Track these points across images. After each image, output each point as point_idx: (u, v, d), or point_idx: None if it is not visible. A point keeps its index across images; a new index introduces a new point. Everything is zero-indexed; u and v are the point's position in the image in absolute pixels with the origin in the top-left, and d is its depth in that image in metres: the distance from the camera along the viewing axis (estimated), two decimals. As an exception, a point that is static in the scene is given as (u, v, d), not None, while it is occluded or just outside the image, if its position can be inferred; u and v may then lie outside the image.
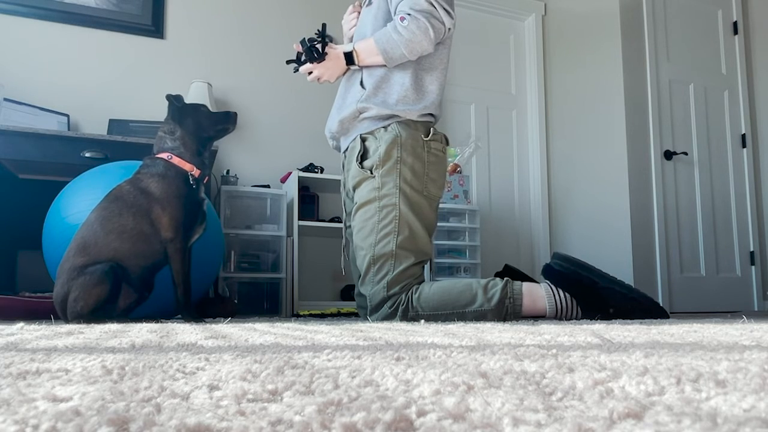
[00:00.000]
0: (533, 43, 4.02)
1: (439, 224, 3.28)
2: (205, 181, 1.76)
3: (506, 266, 1.86)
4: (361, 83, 1.77)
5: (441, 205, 3.29)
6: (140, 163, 2.02)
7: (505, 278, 1.64)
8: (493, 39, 4.01)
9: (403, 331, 0.97)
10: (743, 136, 3.79)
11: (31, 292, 2.33)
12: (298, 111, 3.41)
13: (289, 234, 2.92)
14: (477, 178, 3.79)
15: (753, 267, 3.63)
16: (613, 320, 1.52)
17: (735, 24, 3.86)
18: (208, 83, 3.00)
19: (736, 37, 3.86)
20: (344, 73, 1.84)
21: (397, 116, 1.73)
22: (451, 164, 3.28)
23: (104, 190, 1.84)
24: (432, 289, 1.64)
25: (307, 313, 2.55)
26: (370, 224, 1.70)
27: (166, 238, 1.64)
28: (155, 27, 3.16)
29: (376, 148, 1.71)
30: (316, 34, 1.77)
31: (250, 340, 0.79)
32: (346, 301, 3.16)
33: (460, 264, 3.37)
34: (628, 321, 1.47)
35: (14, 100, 2.67)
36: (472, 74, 3.91)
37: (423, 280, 1.71)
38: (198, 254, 1.97)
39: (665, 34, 3.58)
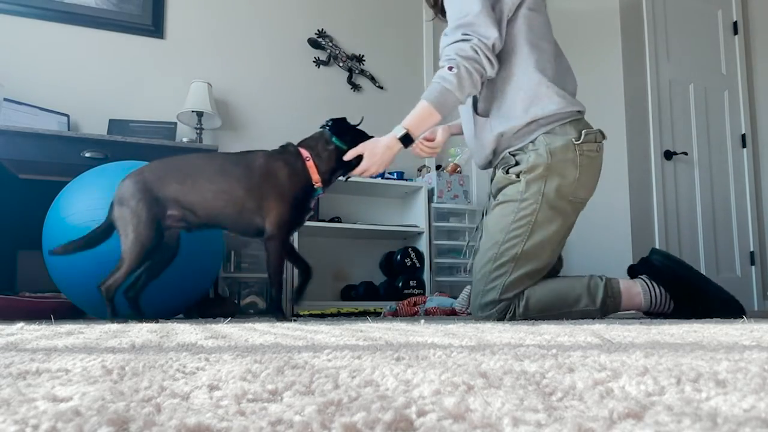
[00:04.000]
0: (533, 43, 4.01)
1: (439, 224, 3.28)
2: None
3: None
4: (478, 112, 1.78)
5: (441, 205, 3.29)
6: (140, 162, 2.02)
7: (605, 278, 1.71)
8: (493, 39, 4.01)
9: (403, 331, 0.97)
10: (743, 136, 3.79)
11: (31, 292, 2.33)
12: (299, 111, 3.41)
13: (289, 234, 2.92)
14: (477, 178, 3.79)
15: (753, 267, 3.63)
16: (703, 319, 1.57)
17: (735, 24, 3.86)
18: (208, 83, 3.00)
19: (736, 37, 3.86)
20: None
21: (541, 124, 1.69)
22: (451, 164, 3.28)
23: (104, 190, 1.84)
24: (537, 293, 1.69)
25: (307, 313, 2.55)
26: (502, 223, 1.72)
27: (268, 232, 1.64)
28: (155, 27, 3.16)
29: (527, 158, 1.70)
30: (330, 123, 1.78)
31: (250, 340, 0.79)
32: (346, 301, 3.16)
33: (460, 264, 3.37)
34: (628, 321, 1.48)
35: (14, 100, 2.67)
36: (472, 74, 3.90)
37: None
38: (198, 254, 1.97)
39: (665, 34, 3.58)
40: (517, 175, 1.71)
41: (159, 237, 1.66)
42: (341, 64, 3.53)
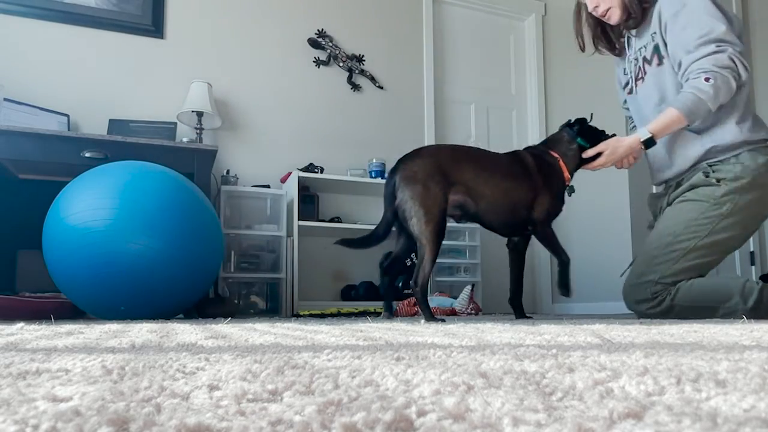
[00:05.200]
0: (533, 43, 4.02)
1: (439, 224, 3.28)
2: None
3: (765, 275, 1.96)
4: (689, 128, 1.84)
5: (441, 205, 3.29)
6: (140, 162, 2.02)
7: (761, 282, 1.74)
8: (493, 39, 4.01)
9: (403, 331, 0.97)
10: (743, 136, 3.78)
11: (31, 292, 2.33)
12: (298, 111, 3.41)
13: (289, 234, 2.92)
14: (477, 178, 3.79)
15: (753, 267, 3.63)
16: None
17: (735, 24, 3.86)
18: (208, 83, 3.00)
19: (736, 37, 3.85)
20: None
21: (746, 143, 1.79)
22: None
23: (104, 190, 1.84)
24: (688, 284, 1.77)
25: (307, 313, 2.55)
26: (684, 217, 1.82)
27: (538, 219, 1.79)
28: (155, 27, 3.16)
29: (729, 170, 1.79)
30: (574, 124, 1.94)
31: (250, 340, 0.79)
32: (346, 301, 3.16)
33: (460, 264, 3.37)
34: (628, 321, 1.47)
35: (14, 100, 2.67)
36: (472, 74, 3.91)
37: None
38: (198, 254, 1.97)
39: (665, 34, 3.58)
40: (718, 180, 1.80)
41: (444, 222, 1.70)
42: (341, 64, 3.53)
